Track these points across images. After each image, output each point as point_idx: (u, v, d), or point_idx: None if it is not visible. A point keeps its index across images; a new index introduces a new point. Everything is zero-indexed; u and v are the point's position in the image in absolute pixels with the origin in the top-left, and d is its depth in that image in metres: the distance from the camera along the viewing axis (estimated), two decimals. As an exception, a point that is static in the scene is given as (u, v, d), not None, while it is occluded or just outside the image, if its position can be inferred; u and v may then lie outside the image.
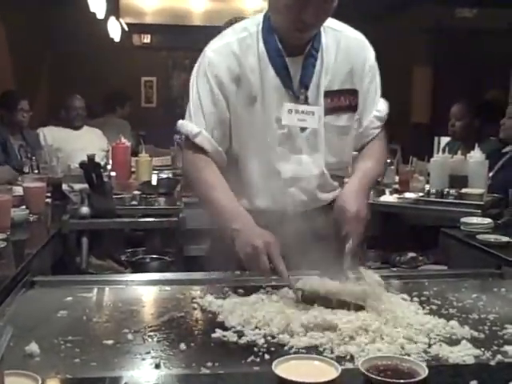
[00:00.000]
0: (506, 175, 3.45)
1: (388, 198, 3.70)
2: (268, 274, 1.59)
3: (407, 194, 3.65)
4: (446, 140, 3.96)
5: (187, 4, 6.75)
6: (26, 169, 3.93)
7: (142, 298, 1.67)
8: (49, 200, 3.08)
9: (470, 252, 2.34)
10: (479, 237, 2.36)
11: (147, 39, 7.76)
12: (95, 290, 1.71)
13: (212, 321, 1.46)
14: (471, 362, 1.22)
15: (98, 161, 3.18)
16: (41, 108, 6.18)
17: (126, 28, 6.85)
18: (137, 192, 3.35)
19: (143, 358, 1.24)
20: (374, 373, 1.05)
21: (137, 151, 4.35)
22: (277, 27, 1.75)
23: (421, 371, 1.05)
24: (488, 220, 2.56)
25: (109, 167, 4.13)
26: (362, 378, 1.05)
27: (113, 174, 3.83)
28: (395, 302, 1.54)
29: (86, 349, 1.28)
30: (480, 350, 1.27)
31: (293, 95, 1.78)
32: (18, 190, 2.93)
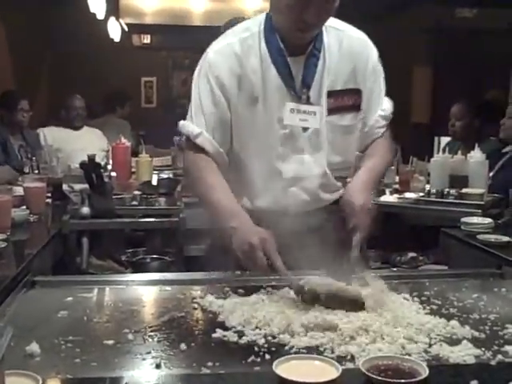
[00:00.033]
0: (506, 175, 3.45)
1: (388, 198, 3.69)
2: (264, 271, 1.58)
3: (407, 194, 3.64)
4: (446, 140, 3.96)
5: (187, 4, 6.75)
6: (26, 169, 3.93)
7: (143, 298, 1.67)
8: (49, 200, 3.08)
9: (471, 252, 2.34)
10: (480, 237, 2.35)
11: (147, 39, 7.75)
12: (96, 290, 1.71)
13: (212, 321, 1.45)
14: (472, 361, 1.22)
15: (98, 161, 3.19)
16: (41, 108, 6.18)
17: (125, 28, 6.84)
18: (137, 192, 3.35)
19: (144, 358, 1.24)
20: (374, 373, 1.05)
21: (137, 151, 4.36)
22: (279, 27, 1.75)
23: (421, 371, 1.05)
24: (488, 220, 2.56)
25: (109, 167, 4.13)
26: (363, 378, 1.05)
27: (113, 175, 3.83)
28: (396, 301, 1.54)
29: (87, 349, 1.28)
30: (480, 349, 1.27)
31: (295, 95, 1.77)
32: (19, 190, 2.93)
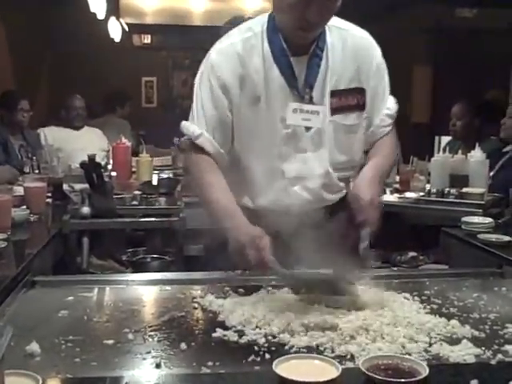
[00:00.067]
0: (507, 174, 3.45)
1: (389, 197, 3.68)
2: (252, 267, 1.56)
3: (408, 194, 3.64)
4: (446, 139, 3.96)
5: (187, 4, 6.75)
6: (27, 169, 3.92)
7: (143, 297, 1.67)
8: (49, 200, 3.08)
9: (471, 251, 2.34)
10: (480, 236, 2.35)
11: (147, 39, 7.75)
12: (96, 290, 1.72)
13: (212, 320, 1.46)
14: (472, 361, 1.22)
15: (98, 161, 3.18)
16: (41, 108, 6.18)
17: (126, 28, 6.84)
18: (137, 192, 3.35)
19: (144, 358, 1.24)
20: (374, 372, 1.05)
21: (137, 151, 4.35)
22: (281, 27, 1.74)
23: (421, 370, 1.05)
24: (489, 219, 2.55)
25: (109, 167, 4.13)
26: (363, 378, 1.04)
27: (113, 174, 3.83)
28: (396, 301, 1.55)
29: (87, 348, 1.28)
30: (481, 349, 1.27)
31: (298, 95, 1.77)
32: (19, 190, 2.93)
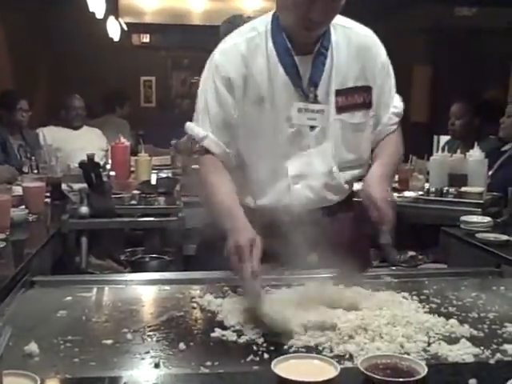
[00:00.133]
0: (506, 173, 3.45)
1: (388, 196, 3.68)
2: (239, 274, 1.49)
3: (407, 193, 3.64)
4: (445, 139, 3.96)
5: (186, 4, 6.75)
6: (26, 169, 3.92)
7: (142, 297, 1.67)
8: (48, 200, 3.07)
9: (470, 250, 2.34)
10: (479, 235, 2.35)
11: (146, 39, 7.75)
12: (95, 290, 1.71)
13: (211, 320, 1.46)
14: (470, 360, 1.22)
15: (97, 160, 3.17)
16: (40, 108, 6.17)
17: (125, 28, 6.84)
18: (136, 191, 3.34)
19: (142, 358, 1.24)
20: (373, 371, 1.05)
21: (136, 151, 4.35)
22: (285, 26, 1.74)
23: (420, 370, 1.05)
24: (487, 218, 2.55)
25: (108, 167, 4.12)
26: (362, 377, 1.05)
27: (112, 174, 3.83)
28: (395, 300, 1.55)
29: (86, 348, 1.28)
30: (479, 348, 1.27)
31: (302, 94, 1.76)
32: (18, 190, 2.93)
